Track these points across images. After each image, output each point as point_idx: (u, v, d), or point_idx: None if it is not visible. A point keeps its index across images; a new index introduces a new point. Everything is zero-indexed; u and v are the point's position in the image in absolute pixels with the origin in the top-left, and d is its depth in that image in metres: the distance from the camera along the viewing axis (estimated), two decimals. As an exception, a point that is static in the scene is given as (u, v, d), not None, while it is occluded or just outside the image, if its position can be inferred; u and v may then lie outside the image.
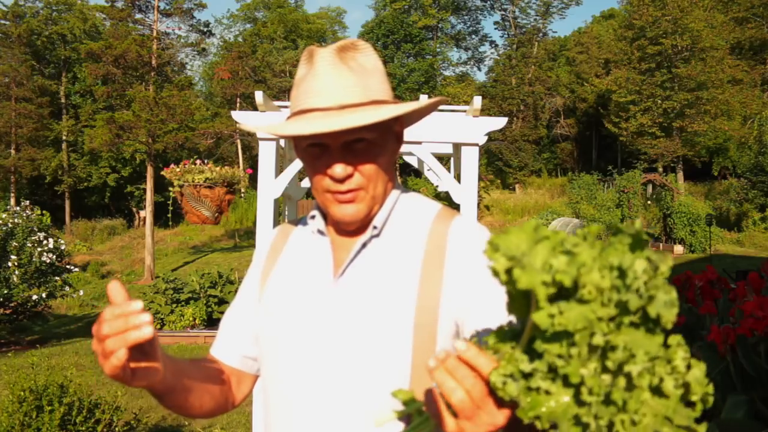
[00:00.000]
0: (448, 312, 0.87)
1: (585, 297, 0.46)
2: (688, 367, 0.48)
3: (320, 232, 0.99)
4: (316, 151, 0.90)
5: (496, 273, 0.49)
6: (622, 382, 0.47)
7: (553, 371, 0.49)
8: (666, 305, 0.45)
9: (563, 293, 0.48)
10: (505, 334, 0.56)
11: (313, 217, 1.01)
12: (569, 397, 0.49)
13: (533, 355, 0.51)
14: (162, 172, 3.93)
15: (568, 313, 0.47)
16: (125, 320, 0.71)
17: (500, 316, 0.83)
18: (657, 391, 0.47)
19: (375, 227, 0.94)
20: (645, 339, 0.47)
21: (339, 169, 0.88)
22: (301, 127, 0.86)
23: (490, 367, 0.55)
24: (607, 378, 0.48)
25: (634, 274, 0.46)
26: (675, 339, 0.49)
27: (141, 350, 0.75)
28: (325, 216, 1.00)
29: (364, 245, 0.94)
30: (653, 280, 0.46)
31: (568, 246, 0.50)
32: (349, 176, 0.89)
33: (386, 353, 0.86)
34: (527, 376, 0.51)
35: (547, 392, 0.50)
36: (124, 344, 0.70)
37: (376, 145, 0.91)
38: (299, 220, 1.09)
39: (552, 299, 0.48)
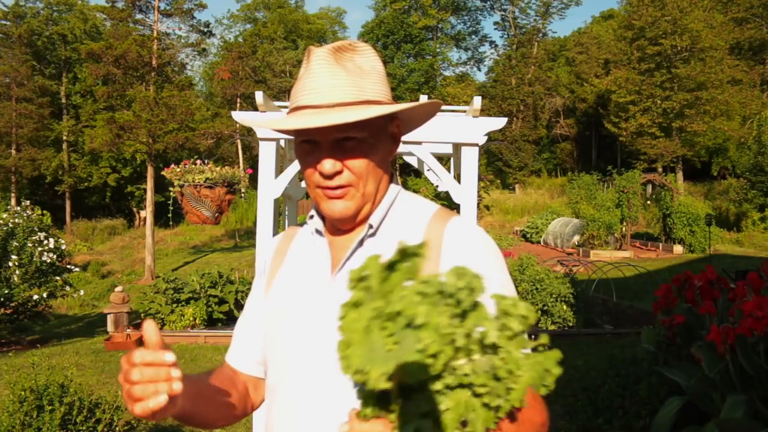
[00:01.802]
0: None
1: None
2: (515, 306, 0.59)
3: (318, 231, 1.01)
4: (308, 148, 0.92)
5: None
6: (496, 361, 0.58)
7: (436, 412, 0.58)
8: (475, 293, 0.56)
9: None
10: (376, 397, 0.62)
11: (311, 216, 1.02)
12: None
13: (410, 404, 0.59)
14: (162, 172, 3.93)
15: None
16: (156, 371, 0.74)
17: None
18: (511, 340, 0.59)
19: (371, 225, 0.95)
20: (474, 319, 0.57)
21: (328, 165, 0.90)
22: (291, 122, 0.89)
23: (385, 429, 0.60)
24: (485, 363, 0.58)
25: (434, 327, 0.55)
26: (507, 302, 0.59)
27: None
28: (324, 216, 1.02)
29: (360, 243, 0.95)
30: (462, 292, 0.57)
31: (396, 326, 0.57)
32: (338, 172, 0.91)
33: None
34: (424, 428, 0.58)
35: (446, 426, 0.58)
36: (153, 395, 0.73)
37: (365, 144, 0.92)
38: (302, 223, 1.10)
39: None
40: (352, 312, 0.58)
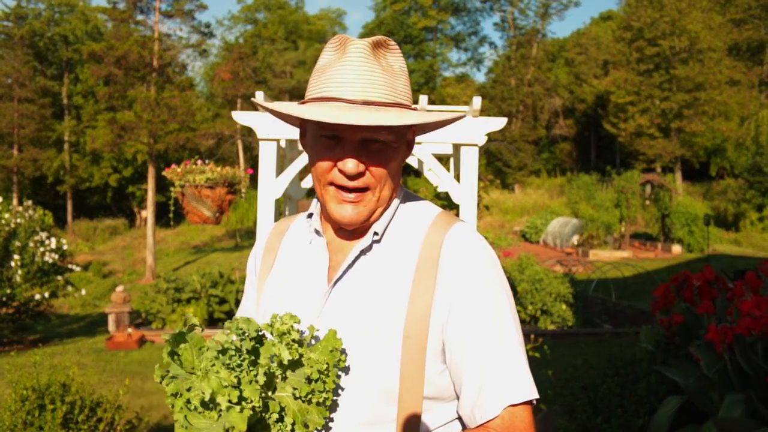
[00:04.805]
0: (436, 324, 0.87)
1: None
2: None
3: (317, 232, 0.97)
4: (330, 143, 0.88)
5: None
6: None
7: None
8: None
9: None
10: None
11: (310, 215, 0.99)
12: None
13: None
14: (163, 173, 3.94)
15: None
16: None
17: (475, 333, 0.85)
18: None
19: (376, 233, 0.92)
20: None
21: (351, 164, 0.86)
22: (329, 114, 0.82)
23: None
24: (298, 376, 0.80)
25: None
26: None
27: None
28: (322, 214, 0.99)
29: (362, 252, 0.92)
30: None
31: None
32: (360, 174, 0.87)
33: (375, 364, 0.86)
34: None
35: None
36: None
37: (390, 148, 0.89)
38: (295, 218, 1.07)
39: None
40: (175, 402, 0.75)
